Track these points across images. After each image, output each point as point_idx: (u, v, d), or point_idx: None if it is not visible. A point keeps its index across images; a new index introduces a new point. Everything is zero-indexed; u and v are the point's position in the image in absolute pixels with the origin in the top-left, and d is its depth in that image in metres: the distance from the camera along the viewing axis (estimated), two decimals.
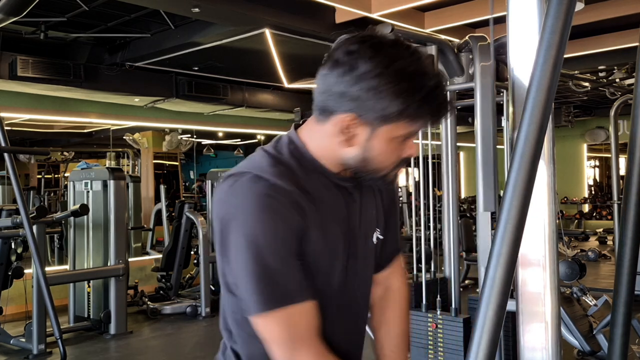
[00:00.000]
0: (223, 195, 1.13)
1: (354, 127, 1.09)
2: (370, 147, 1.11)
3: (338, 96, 1.07)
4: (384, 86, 1.04)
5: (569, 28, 0.95)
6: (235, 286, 1.15)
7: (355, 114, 1.07)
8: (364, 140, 1.11)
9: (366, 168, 1.14)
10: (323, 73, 1.10)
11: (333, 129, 1.11)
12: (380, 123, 1.08)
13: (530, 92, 0.94)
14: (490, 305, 0.88)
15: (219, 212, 1.13)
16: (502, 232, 0.90)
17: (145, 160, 9.54)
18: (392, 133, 1.10)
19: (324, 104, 1.11)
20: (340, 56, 1.07)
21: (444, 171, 3.49)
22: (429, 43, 3.37)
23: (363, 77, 1.04)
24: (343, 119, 1.08)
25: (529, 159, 0.92)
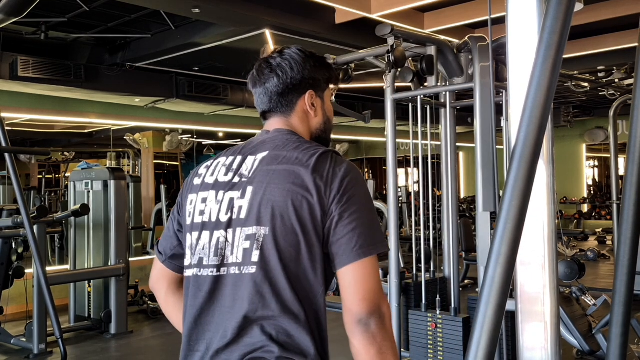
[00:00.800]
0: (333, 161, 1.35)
1: (315, 100, 1.48)
2: (326, 109, 1.52)
3: (298, 84, 1.45)
4: (318, 62, 1.50)
5: (568, 28, 0.95)
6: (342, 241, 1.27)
7: (312, 88, 1.48)
8: (321, 106, 1.51)
9: (327, 128, 1.53)
10: (270, 82, 1.45)
11: (301, 111, 1.47)
12: (323, 89, 1.51)
13: (529, 92, 0.95)
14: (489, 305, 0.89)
15: (337, 172, 1.32)
16: (502, 232, 0.91)
17: (146, 160, 9.54)
18: (329, 94, 1.53)
19: (285, 99, 1.46)
20: (275, 62, 1.46)
21: (443, 171, 3.49)
22: (429, 43, 3.38)
23: (306, 61, 1.47)
24: (307, 98, 1.47)
25: (529, 159, 0.92)
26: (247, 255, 1.30)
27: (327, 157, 1.33)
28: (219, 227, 1.35)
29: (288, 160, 1.33)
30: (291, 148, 1.36)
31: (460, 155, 12.68)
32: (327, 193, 1.28)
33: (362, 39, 5.24)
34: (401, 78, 3.31)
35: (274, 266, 1.28)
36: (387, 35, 3.19)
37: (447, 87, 3.40)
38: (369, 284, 1.26)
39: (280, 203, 1.28)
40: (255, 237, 1.30)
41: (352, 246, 1.26)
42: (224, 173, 1.41)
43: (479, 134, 3.07)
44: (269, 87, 1.45)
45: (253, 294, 1.28)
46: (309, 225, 1.28)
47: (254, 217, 1.30)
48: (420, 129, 3.38)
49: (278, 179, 1.31)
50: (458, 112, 3.64)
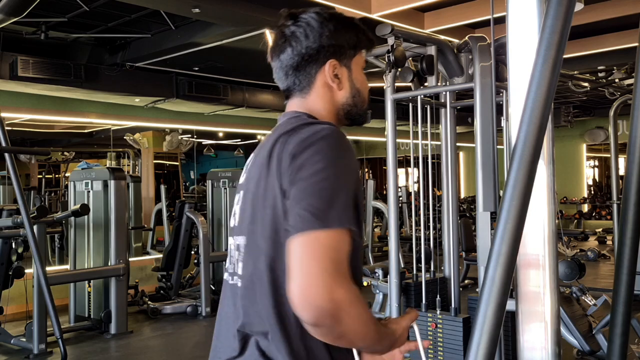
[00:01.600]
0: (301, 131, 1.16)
1: (338, 70, 1.28)
2: (354, 79, 1.31)
3: (315, 53, 1.25)
4: (339, 25, 1.27)
5: (568, 28, 0.95)
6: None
7: (334, 57, 1.27)
8: (348, 76, 1.30)
9: (358, 102, 1.32)
10: (284, 54, 1.27)
11: (322, 86, 1.28)
12: (350, 56, 1.29)
13: (529, 92, 0.95)
14: (489, 305, 0.89)
15: (296, 147, 1.12)
16: (502, 232, 0.91)
17: (146, 160, 9.54)
18: (359, 62, 1.32)
19: (302, 74, 1.27)
20: (289, 30, 1.26)
21: (443, 171, 3.49)
22: (429, 43, 3.38)
23: (323, 26, 1.25)
24: (328, 69, 1.26)
25: (529, 159, 0.92)
26: (238, 267, 1.24)
27: (289, 135, 1.14)
28: (232, 233, 1.31)
29: (263, 152, 1.18)
30: (272, 136, 1.19)
31: (460, 155, 12.68)
32: (284, 171, 1.10)
33: None
34: (401, 78, 3.31)
35: (253, 278, 1.18)
36: (387, 35, 3.19)
37: (447, 87, 3.40)
38: (311, 262, 1.01)
39: (253, 203, 1.18)
40: (240, 247, 1.23)
41: (302, 217, 1.04)
42: (243, 173, 1.33)
43: (479, 133, 3.07)
44: (283, 59, 1.27)
45: (242, 306, 1.21)
46: (275, 216, 1.11)
47: (239, 226, 1.26)
48: (421, 128, 3.38)
49: (255, 174, 1.20)
50: (458, 112, 3.64)
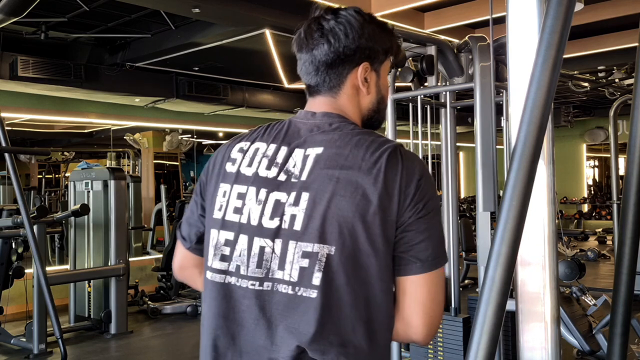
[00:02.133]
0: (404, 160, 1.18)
1: (369, 74, 1.27)
2: (381, 85, 1.31)
3: (352, 54, 1.23)
4: (378, 28, 1.27)
5: (568, 28, 0.95)
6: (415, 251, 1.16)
7: (368, 60, 1.25)
8: (376, 82, 1.29)
9: (381, 108, 1.33)
10: (319, 49, 1.24)
11: (352, 87, 1.26)
12: (381, 61, 1.28)
13: (529, 92, 0.95)
14: (489, 305, 0.89)
15: (410, 175, 1.16)
16: (502, 232, 0.91)
17: (146, 160, 9.54)
18: (386, 68, 1.32)
19: (334, 72, 1.25)
20: (329, 25, 1.24)
21: (443, 171, 3.49)
22: (429, 43, 3.38)
23: (363, 27, 1.23)
24: (361, 71, 1.25)
25: (529, 159, 0.92)
26: (304, 276, 1.13)
27: (395, 157, 1.16)
28: (262, 234, 1.18)
29: (352, 165, 1.15)
30: (352, 144, 1.18)
31: (460, 155, 12.68)
32: (401, 201, 1.14)
33: None
34: (401, 78, 3.31)
35: (339, 292, 1.12)
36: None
37: (447, 87, 3.40)
38: (438, 297, 1.18)
39: (348, 219, 1.12)
40: (316, 257, 1.13)
41: (427, 254, 1.15)
42: (266, 166, 1.22)
43: (479, 133, 3.07)
44: (317, 54, 1.24)
45: (311, 321, 1.12)
46: (380, 240, 1.13)
47: (315, 233, 1.13)
48: (421, 128, 3.38)
49: (344, 189, 1.14)
50: (458, 112, 3.64)
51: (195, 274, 1.36)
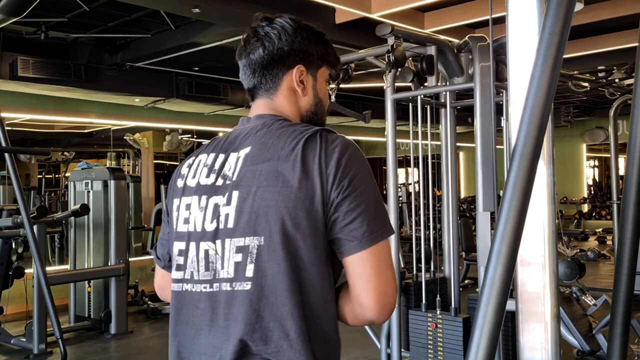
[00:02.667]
0: (322, 144, 1.20)
1: (304, 76, 1.32)
2: (318, 89, 1.36)
3: (286, 55, 1.30)
4: (311, 35, 1.34)
5: (568, 28, 0.95)
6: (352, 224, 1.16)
7: (303, 63, 1.32)
8: (312, 85, 1.34)
9: (319, 111, 1.37)
10: (255, 53, 1.31)
11: (287, 88, 1.32)
12: (317, 66, 1.34)
13: (529, 92, 0.95)
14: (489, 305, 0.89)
15: (330, 156, 1.18)
16: (502, 232, 0.91)
17: (146, 160, 9.54)
18: (324, 74, 1.37)
19: (270, 74, 1.31)
20: (263, 31, 1.32)
21: (443, 171, 3.49)
22: (429, 43, 3.38)
23: (296, 32, 1.31)
24: (295, 73, 1.31)
25: (529, 159, 0.92)
26: (239, 270, 1.17)
27: (314, 140, 1.19)
28: (205, 237, 1.22)
29: (273, 156, 1.19)
30: (274, 137, 1.22)
31: (460, 155, 12.68)
32: (324, 182, 1.16)
33: (362, 39, 5.24)
34: (401, 78, 3.31)
35: (272, 280, 1.15)
36: (387, 35, 3.18)
37: (447, 87, 3.40)
38: (383, 272, 1.17)
39: (272, 208, 1.15)
40: (247, 249, 1.17)
41: (362, 231, 1.15)
42: (206, 174, 1.27)
43: (479, 133, 3.07)
44: (253, 58, 1.31)
45: (249, 313, 1.15)
46: (308, 225, 1.15)
47: (244, 227, 1.18)
48: (421, 128, 3.37)
49: (266, 180, 1.17)
50: (458, 112, 3.64)
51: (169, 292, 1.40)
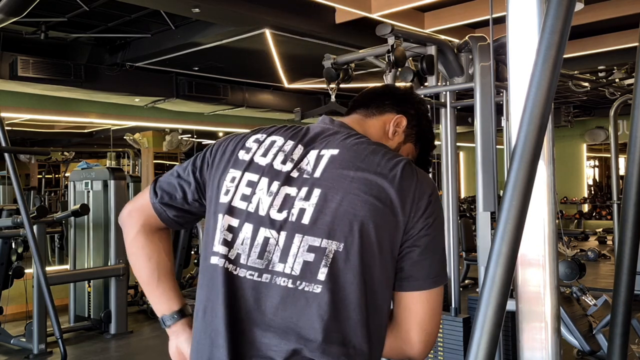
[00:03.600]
0: (418, 174, 1.21)
1: (399, 129, 1.38)
2: (401, 148, 1.40)
3: (404, 103, 1.40)
4: (428, 123, 1.45)
5: (568, 28, 0.95)
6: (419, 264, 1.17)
7: (407, 122, 1.39)
8: (399, 141, 1.39)
9: None
10: (387, 81, 1.46)
11: (383, 124, 1.37)
12: (414, 139, 1.41)
13: (530, 92, 0.95)
14: (490, 305, 0.89)
15: (423, 188, 1.19)
16: (502, 232, 0.91)
17: (146, 160, 9.54)
18: (411, 148, 1.43)
19: (379, 100, 1.40)
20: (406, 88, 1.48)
21: (444, 171, 3.49)
22: (429, 43, 3.37)
23: (419, 105, 1.44)
24: (397, 120, 1.38)
25: (529, 159, 0.92)
26: (308, 270, 1.12)
27: (411, 169, 1.19)
28: (268, 224, 1.17)
29: (368, 168, 1.17)
30: (368, 151, 1.20)
31: (460, 155, 12.67)
32: (413, 212, 1.15)
33: (362, 39, 5.24)
34: (401, 78, 3.31)
35: (344, 290, 1.12)
36: (388, 34, 3.18)
37: (448, 86, 3.39)
38: (436, 315, 1.19)
39: (359, 218, 1.12)
40: (323, 252, 1.12)
41: (431, 272, 1.17)
42: (282, 160, 1.22)
43: (479, 133, 3.06)
44: (376, 89, 1.45)
45: (314, 317, 1.10)
46: (387, 244, 1.14)
47: (324, 228, 1.13)
48: None
49: (358, 189, 1.14)
50: (458, 111, 3.64)
51: (136, 223, 1.34)
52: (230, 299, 1.17)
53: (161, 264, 1.35)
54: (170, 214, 1.33)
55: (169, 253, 1.38)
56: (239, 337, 1.15)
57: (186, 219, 1.36)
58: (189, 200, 1.32)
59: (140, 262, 1.35)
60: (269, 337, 1.13)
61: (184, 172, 1.34)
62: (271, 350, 1.12)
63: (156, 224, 1.34)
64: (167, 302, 1.35)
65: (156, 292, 1.35)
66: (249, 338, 1.14)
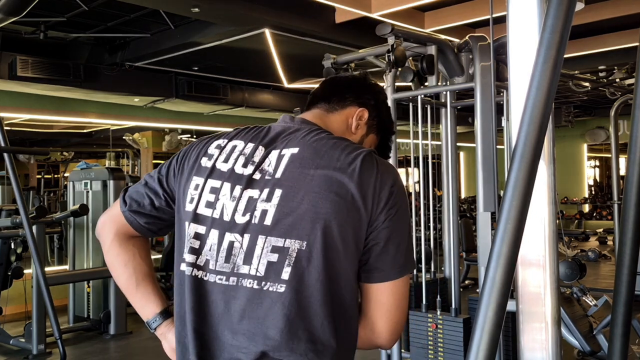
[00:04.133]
0: (378, 166, 1.21)
1: (362, 121, 1.38)
2: (364, 140, 1.41)
3: (364, 93, 1.40)
4: (387, 110, 1.45)
5: (569, 28, 0.94)
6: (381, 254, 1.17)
7: (369, 114, 1.39)
8: (362, 133, 1.40)
9: None
10: (345, 74, 1.49)
11: (345, 118, 1.38)
12: (375, 129, 1.42)
13: (530, 92, 0.94)
14: (490, 306, 0.88)
15: (384, 180, 1.18)
16: (502, 232, 0.90)
17: (145, 160, 9.54)
18: (373, 139, 1.43)
19: (342, 95, 1.39)
20: (364, 73, 1.50)
21: (444, 171, 3.48)
22: (429, 43, 3.37)
23: (381, 97, 1.44)
24: (359, 113, 1.38)
25: (529, 159, 0.91)
26: (272, 270, 1.14)
27: (371, 160, 1.19)
28: (233, 229, 1.18)
29: (328, 164, 1.17)
30: (328, 146, 1.21)
31: (460, 155, 12.67)
32: (375, 205, 1.16)
33: (362, 39, 5.24)
34: (401, 78, 3.30)
35: (308, 288, 1.13)
36: (388, 34, 3.18)
37: (448, 86, 3.39)
38: (404, 304, 1.21)
39: (321, 215, 1.13)
40: (287, 251, 1.14)
41: (396, 262, 1.18)
42: (243, 163, 1.23)
43: (479, 133, 3.06)
44: (342, 76, 1.51)
45: (278, 316, 1.12)
46: (350, 240, 1.15)
47: (287, 228, 1.14)
48: (421, 128, 3.37)
49: (319, 186, 1.15)
50: (458, 111, 3.63)
51: (110, 234, 1.36)
52: (200, 304, 1.19)
53: (137, 269, 1.35)
54: (141, 221, 1.34)
55: (145, 257, 1.38)
56: (210, 341, 1.18)
57: (158, 226, 1.36)
58: (156, 207, 1.34)
59: (117, 269, 1.36)
60: (238, 340, 1.15)
61: (151, 180, 1.36)
62: (240, 352, 1.15)
63: (129, 232, 1.36)
64: (148, 304, 1.36)
65: (136, 296, 1.36)
66: (220, 341, 1.17)
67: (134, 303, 1.38)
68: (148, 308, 1.36)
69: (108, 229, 1.36)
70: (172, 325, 1.33)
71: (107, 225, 1.37)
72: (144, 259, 1.37)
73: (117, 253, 1.35)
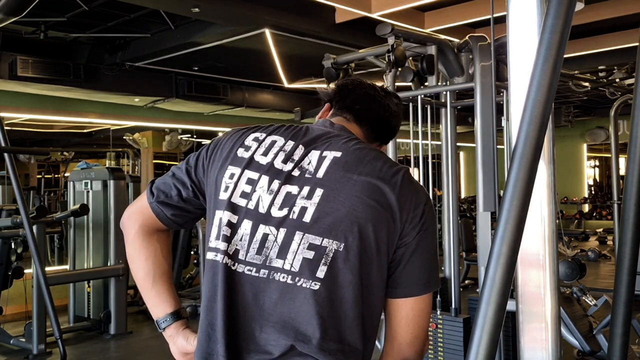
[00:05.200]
0: (415, 184, 1.26)
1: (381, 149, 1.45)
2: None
3: (390, 138, 1.47)
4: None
5: (569, 28, 0.95)
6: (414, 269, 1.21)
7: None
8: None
9: None
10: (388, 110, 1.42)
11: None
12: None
13: (530, 92, 0.94)
14: (490, 305, 0.88)
15: (420, 197, 1.23)
16: (502, 232, 0.90)
17: (145, 160, 9.53)
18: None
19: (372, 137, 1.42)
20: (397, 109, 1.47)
21: (444, 171, 3.49)
22: (429, 43, 3.37)
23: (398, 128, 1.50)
24: (381, 147, 1.47)
25: (529, 159, 0.92)
26: (307, 267, 1.15)
27: (410, 178, 1.24)
28: (268, 221, 1.19)
29: (370, 172, 1.20)
30: (370, 156, 1.24)
31: (460, 155, 12.67)
32: (409, 219, 1.19)
33: (362, 39, 5.24)
34: (401, 78, 3.30)
35: (342, 288, 1.14)
36: (388, 34, 3.18)
37: (448, 86, 3.39)
38: (425, 320, 1.23)
39: (361, 219, 1.16)
40: (324, 250, 1.15)
41: (422, 279, 1.20)
42: (282, 159, 1.24)
43: (479, 133, 3.06)
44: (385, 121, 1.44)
45: (311, 313, 1.13)
46: (383, 247, 1.17)
47: (325, 227, 1.16)
48: (421, 128, 3.37)
49: (360, 191, 1.17)
50: (458, 111, 3.64)
51: (135, 224, 1.35)
52: (229, 293, 1.19)
53: (157, 265, 1.35)
54: (168, 212, 1.33)
55: (166, 255, 1.38)
56: (237, 331, 1.17)
57: (184, 219, 1.36)
58: (184, 198, 1.33)
59: (137, 262, 1.36)
60: (267, 332, 1.15)
61: (179, 171, 1.36)
62: (269, 344, 1.14)
63: (155, 225, 1.35)
64: (161, 304, 1.36)
65: (151, 293, 1.35)
66: (247, 333, 1.17)
67: (147, 299, 1.37)
68: (160, 307, 1.36)
69: (134, 220, 1.35)
70: (182, 328, 1.34)
71: (132, 217, 1.36)
72: (165, 256, 1.37)
73: (139, 246, 1.35)
